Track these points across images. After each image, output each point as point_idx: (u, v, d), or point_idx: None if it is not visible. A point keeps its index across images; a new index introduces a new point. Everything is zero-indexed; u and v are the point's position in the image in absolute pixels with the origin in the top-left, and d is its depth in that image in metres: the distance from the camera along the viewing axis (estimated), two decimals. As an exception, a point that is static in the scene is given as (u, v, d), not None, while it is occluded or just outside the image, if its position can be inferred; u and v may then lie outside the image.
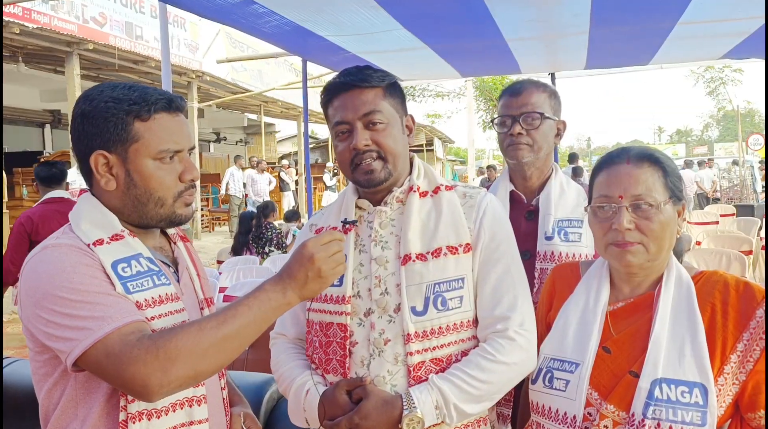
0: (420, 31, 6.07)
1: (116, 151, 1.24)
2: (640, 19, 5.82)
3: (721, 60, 8.81)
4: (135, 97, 1.24)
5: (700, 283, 1.32)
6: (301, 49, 7.32)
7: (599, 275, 1.41)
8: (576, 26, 5.99)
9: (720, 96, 29.02)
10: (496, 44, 6.64)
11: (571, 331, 1.36)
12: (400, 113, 1.47)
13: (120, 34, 10.40)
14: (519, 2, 5.23)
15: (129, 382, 1.09)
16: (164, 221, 1.32)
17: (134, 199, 1.27)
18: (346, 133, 1.42)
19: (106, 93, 1.25)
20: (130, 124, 1.24)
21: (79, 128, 1.26)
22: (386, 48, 6.81)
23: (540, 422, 1.37)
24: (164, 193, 1.28)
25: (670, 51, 7.22)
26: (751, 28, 6.20)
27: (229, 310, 1.15)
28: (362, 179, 1.42)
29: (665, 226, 1.29)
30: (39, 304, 1.14)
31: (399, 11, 5.34)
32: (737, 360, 1.23)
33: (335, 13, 5.36)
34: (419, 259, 1.39)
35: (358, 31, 6.01)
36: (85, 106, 1.25)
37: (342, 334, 1.41)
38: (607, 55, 7.57)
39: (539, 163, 1.87)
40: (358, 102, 1.40)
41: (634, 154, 1.34)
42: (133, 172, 1.25)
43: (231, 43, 13.20)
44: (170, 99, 1.28)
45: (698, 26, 5.95)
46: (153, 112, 1.25)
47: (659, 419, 1.20)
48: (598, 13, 5.48)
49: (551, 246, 1.76)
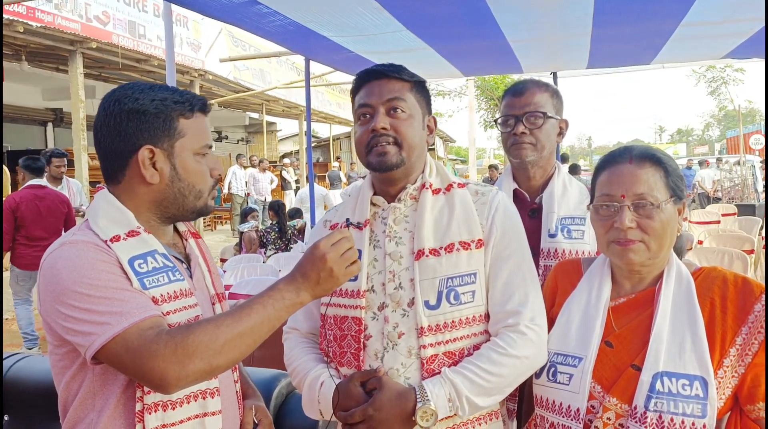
0: (422, 32, 6.09)
1: (163, 145, 1.31)
2: (642, 21, 5.85)
3: (722, 60, 8.85)
4: (177, 97, 1.32)
5: (700, 279, 1.35)
6: (304, 49, 7.35)
7: (601, 272, 1.44)
8: (578, 27, 6.02)
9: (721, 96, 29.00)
10: (498, 45, 6.67)
11: (574, 326, 1.40)
12: (423, 110, 1.51)
13: (123, 32, 10.42)
14: (521, 5, 5.25)
15: (147, 375, 1.13)
16: (196, 213, 1.39)
17: (177, 192, 1.34)
18: (368, 117, 1.47)
19: (148, 92, 1.31)
20: (176, 120, 1.31)
21: (123, 124, 1.30)
22: (389, 48, 6.84)
23: (544, 415, 1.40)
24: (203, 186, 1.36)
25: (671, 51, 7.24)
26: (753, 29, 6.21)
27: (244, 308, 1.19)
28: (374, 161, 1.45)
29: (666, 225, 1.33)
30: (58, 300, 1.18)
31: (401, 13, 5.36)
32: (736, 353, 1.27)
33: (338, 14, 5.39)
34: (432, 254, 1.43)
35: (361, 32, 6.04)
36: (131, 104, 1.30)
37: (356, 327, 1.45)
38: (608, 55, 7.59)
39: (542, 161, 1.90)
40: (384, 89, 1.46)
41: (637, 154, 1.37)
42: (178, 166, 1.33)
43: (233, 41, 13.22)
44: (205, 101, 1.38)
45: (700, 27, 5.98)
46: (195, 110, 1.34)
47: (661, 411, 1.23)
48: (601, 15, 5.50)
49: (555, 243, 1.80)
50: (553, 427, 1.38)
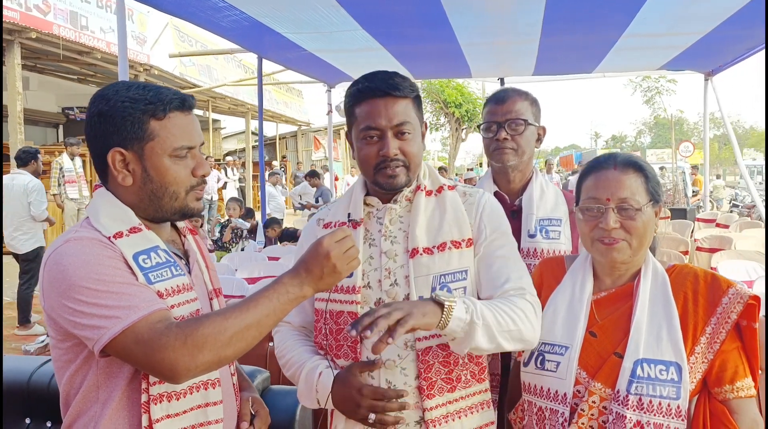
0: (377, 32, 6.16)
1: (133, 148, 1.30)
2: (589, 30, 6.10)
3: (658, 71, 9.28)
4: (150, 97, 1.29)
5: (674, 275, 1.49)
6: (257, 46, 7.30)
7: (583, 268, 1.56)
8: (528, 34, 6.23)
9: (655, 105, 30.37)
10: (450, 48, 6.82)
11: (560, 318, 1.51)
12: (421, 122, 1.57)
13: (64, 23, 10.01)
14: (476, 9, 5.39)
15: (158, 366, 1.16)
16: (177, 214, 1.37)
17: (150, 194, 1.32)
18: (375, 138, 1.50)
19: (122, 93, 1.30)
20: (146, 122, 1.29)
21: (96, 127, 1.30)
22: (343, 47, 6.88)
23: (532, 401, 1.51)
24: (178, 187, 1.33)
25: (613, 61, 7.59)
26: (688, 42, 6.59)
27: (250, 302, 1.22)
28: (384, 182, 1.51)
29: (647, 225, 1.45)
30: (65, 295, 1.19)
31: (359, 11, 5.41)
32: (706, 341, 1.41)
33: (295, 10, 5.39)
34: (426, 253, 1.50)
35: (317, 29, 6.06)
36: (102, 106, 1.29)
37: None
38: (554, 63, 7.88)
39: (522, 166, 2.01)
40: (391, 112, 1.48)
41: (621, 161, 1.49)
42: (149, 169, 1.31)
43: (179, 36, 12.93)
44: (183, 98, 1.34)
45: (642, 39, 6.29)
46: (168, 111, 1.30)
47: (641, 394, 1.36)
48: (550, 23, 5.71)
49: (534, 243, 1.90)
50: (541, 411, 1.48)
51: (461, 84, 22.53)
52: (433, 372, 1.47)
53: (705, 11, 5.29)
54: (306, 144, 23.06)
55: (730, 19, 5.49)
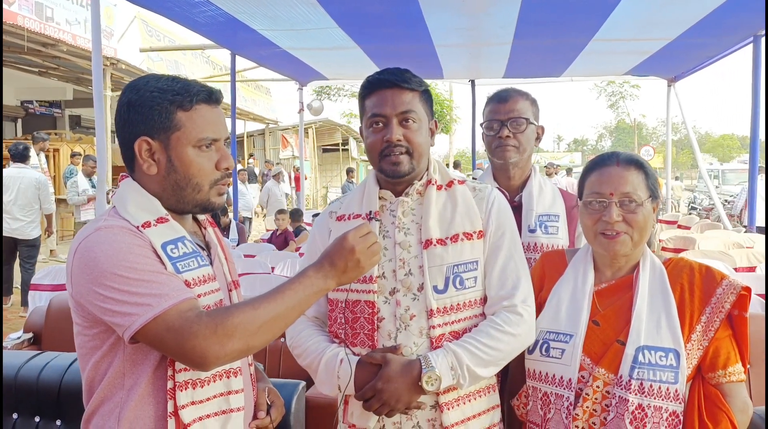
0: (353, 31, 6.20)
1: (159, 137, 1.32)
2: (560, 34, 6.25)
3: (623, 76, 9.54)
4: (178, 89, 1.32)
5: (670, 267, 1.58)
6: (231, 43, 7.26)
7: (585, 261, 1.64)
8: (501, 37, 6.34)
9: (619, 109, 31.13)
10: (424, 49, 6.90)
11: (564, 308, 1.59)
12: (428, 116, 1.63)
13: (29, 14, 9.74)
14: (452, 10, 5.47)
15: (189, 353, 1.18)
16: (199, 207, 1.39)
17: (174, 184, 1.35)
18: (381, 126, 1.57)
19: (152, 84, 1.33)
20: (173, 113, 1.32)
21: (125, 116, 1.33)
22: (318, 45, 6.89)
23: (537, 387, 1.59)
24: (202, 179, 1.36)
25: (581, 65, 7.78)
26: (653, 49, 6.80)
27: (278, 293, 1.26)
28: (388, 169, 1.58)
29: (647, 219, 1.54)
30: (97, 282, 1.21)
31: (335, 9, 5.44)
32: (701, 329, 1.50)
33: (272, 6, 5.38)
34: (439, 244, 1.56)
35: (293, 27, 6.06)
36: (132, 96, 1.32)
37: (369, 310, 1.56)
38: (525, 66, 8.04)
39: (522, 163, 2.09)
40: (397, 100, 1.56)
41: (623, 159, 1.58)
42: (174, 158, 1.33)
43: (147, 30, 12.69)
44: (210, 92, 1.37)
45: (610, 44, 6.46)
46: (194, 102, 1.33)
47: (642, 379, 1.45)
48: (523, 27, 5.83)
49: (534, 238, 1.98)
50: (547, 396, 1.56)
51: (429, 85, 22.64)
52: None
53: (672, 17, 5.48)
54: (274, 142, 22.89)
55: (694, 27, 5.70)
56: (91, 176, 8.50)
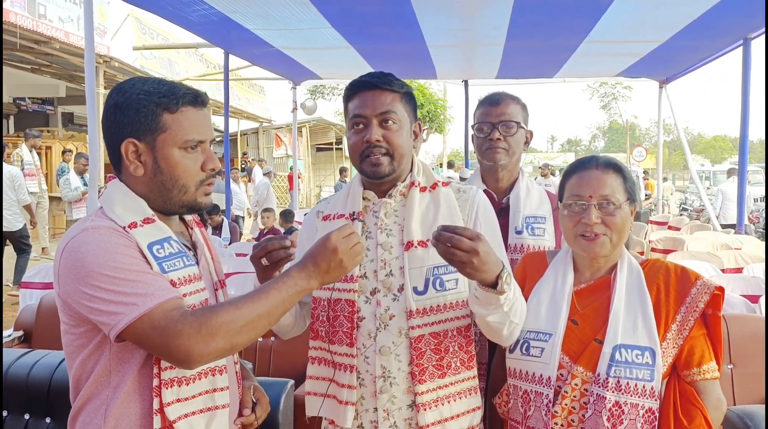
0: (347, 31, 6.22)
1: (145, 139, 1.34)
2: (552, 35, 6.28)
3: (615, 78, 9.60)
4: (164, 91, 1.35)
5: (647, 268, 1.62)
6: (225, 42, 7.27)
7: (564, 262, 1.68)
8: (493, 38, 6.38)
9: (612, 110, 31.25)
10: (418, 49, 6.92)
11: (544, 308, 1.62)
12: (411, 118, 1.65)
13: (21, 11, 9.71)
14: (445, 11, 5.50)
15: (173, 351, 1.21)
16: (185, 207, 1.42)
17: (160, 185, 1.37)
18: (361, 127, 1.60)
19: (138, 86, 1.35)
20: (159, 115, 1.34)
21: (112, 118, 1.35)
22: (311, 45, 6.91)
23: (518, 385, 1.62)
24: (188, 180, 1.38)
25: (574, 66, 7.82)
26: (646, 50, 6.85)
27: (261, 292, 1.29)
28: (369, 170, 1.60)
29: (625, 222, 1.58)
30: (83, 281, 1.23)
31: (329, 9, 5.46)
32: (676, 328, 1.54)
33: (265, 5, 5.39)
34: (420, 246, 1.58)
35: (286, 26, 6.07)
36: (118, 98, 1.35)
37: (350, 309, 1.58)
38: (517, 67, 8.08)
39: (511, 166, 2.12)
40: (377, 102, 1.58)
41: (602, 162, 1.62)
42: (160, 160, 1.35)
43: (141, 28, 12.66)
44: (196, 94, 1.40)
45: (602, 45, 6.50)
46: (180, 105, 1.35)
47: (619, 377, 1.48)
48: (515, 28, 5.87)
49: (521, 239, 2.02)
50: (527, 393, 1.59)
51: (423, 85, 22.72)
52: (425, 359, 1.55)
53: (663, 20, 5.52)
54: (267, 141, 22.87)
55: (685, 29, 5.74)
56: (83, 174, 8.49)
